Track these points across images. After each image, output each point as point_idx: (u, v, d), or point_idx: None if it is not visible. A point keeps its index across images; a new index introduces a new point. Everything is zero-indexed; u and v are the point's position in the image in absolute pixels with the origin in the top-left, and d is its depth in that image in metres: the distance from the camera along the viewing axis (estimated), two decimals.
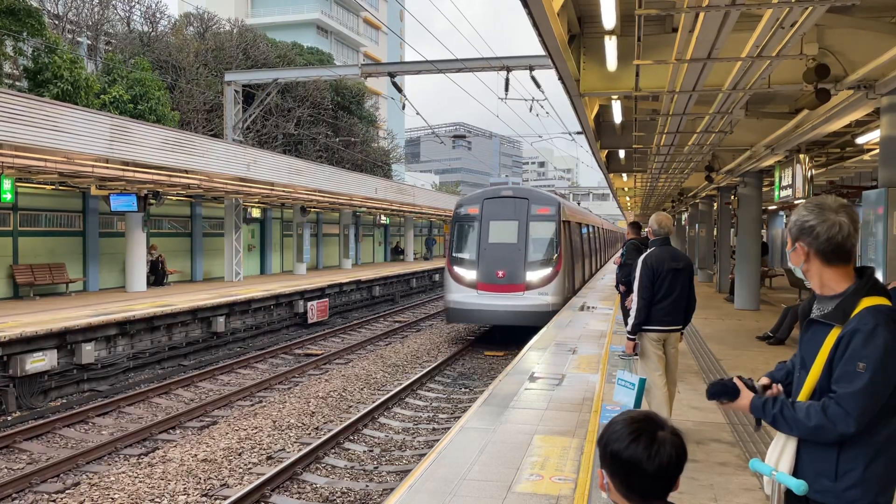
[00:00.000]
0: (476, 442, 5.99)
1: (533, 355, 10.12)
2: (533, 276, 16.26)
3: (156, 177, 16.86)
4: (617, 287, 10.54)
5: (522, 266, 16.30)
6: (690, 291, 6.11)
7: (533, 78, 19.99)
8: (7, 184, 13.55)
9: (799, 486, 2.31)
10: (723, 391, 2.60)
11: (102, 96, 22.28)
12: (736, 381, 2.64)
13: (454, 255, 17.02)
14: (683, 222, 33.87)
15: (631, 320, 5.98)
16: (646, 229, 6.63)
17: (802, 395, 2.49)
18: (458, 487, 4.95)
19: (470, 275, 16.54)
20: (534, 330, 12.94)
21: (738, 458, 5.61)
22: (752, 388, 2.61)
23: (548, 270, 16.32)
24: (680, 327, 6.12)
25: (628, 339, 6.03)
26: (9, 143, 12.82)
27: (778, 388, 2.63)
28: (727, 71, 7.47)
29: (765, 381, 2.68)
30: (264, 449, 9.22)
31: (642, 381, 4.86)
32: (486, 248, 16.60)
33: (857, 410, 2.29)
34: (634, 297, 5.97)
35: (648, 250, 6.15)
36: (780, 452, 2.51)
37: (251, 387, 12.81)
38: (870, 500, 2.35)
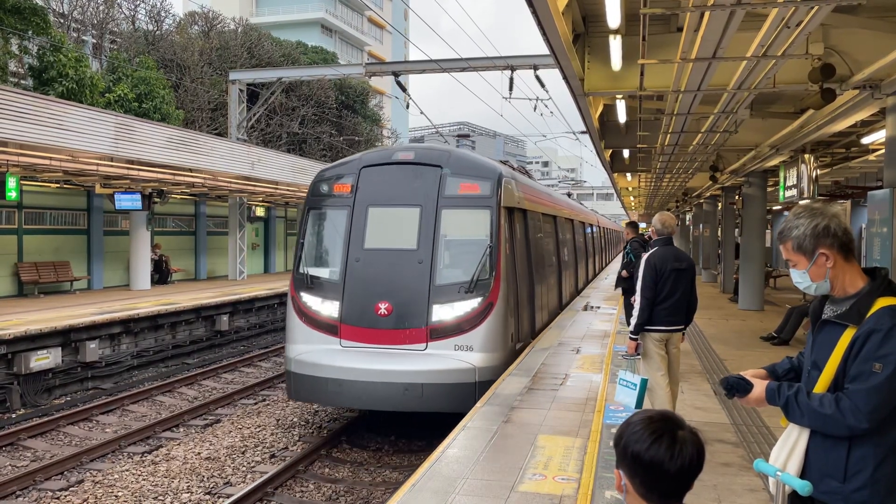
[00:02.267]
0: (479, 441, 5.99)
1: (536, 355, 10.11)
2: (445, 312, 8.87)
3: (160, 175, 16.89)
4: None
5: (425, 294, 8.93)
6: (692, 291, 6.11)
7: (537, 77, 19.97)
8: (12, 182, 13.59)
9: (804, 486, 2.30)
10: (736, 386, 2.59)
11: (107, 95, 22.32)
12: (747, 376, 2.65)
13: (302, 270, 9.58)
14: (688, 222, 33.82)
15: (633, 320, 5.97)
16: (649, 229, 6.63)
17: None
18: (462, 486, 4.95)
19: (328, 309, 9.14)
20: (456, 417, 7.11)
21: (741, 459, 5.60)
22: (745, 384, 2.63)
23: (473, 303, 8.91)
24: (682, 327, 6.12)
25: (631, 339, 6.03)
26: (14, 141, 12.85)
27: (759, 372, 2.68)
28: (732, 70, 7.45)
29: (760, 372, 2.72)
30: (267, 447, 9.23)
31: (644, 382, 4.85)
32: (361, 260, 9.23)
33: (868, 407, 2.28)
34: (637, 296, 5.96)
35: (652, 250, 6.14)
36: (790, 453, 2.50)
37: (254, 385, 12.82)
38: (877, 502, 2.34)
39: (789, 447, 2.50)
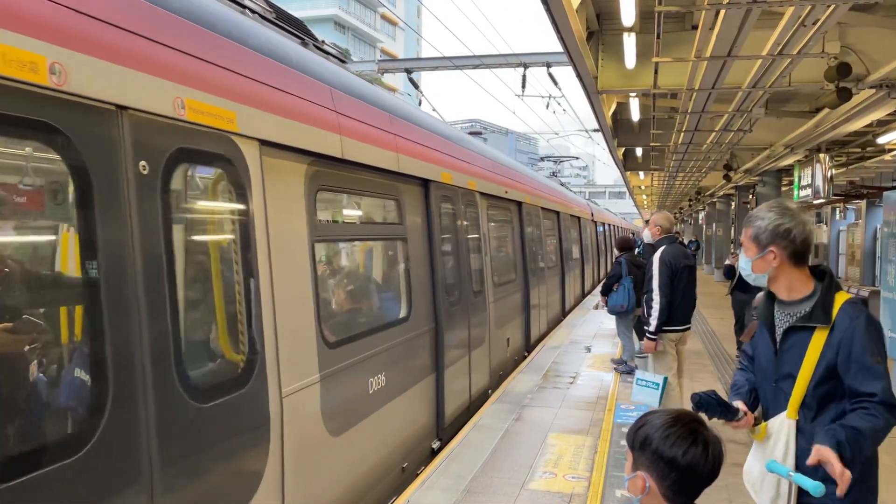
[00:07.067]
0: (489, 439, 6.00)
1: (547, 353, 10.10)
2: None
3: None
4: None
5: None
6: (695, 287, 6.19)
7: (550, 75, 19.90)
8: None
9: (816, 487, 2.30)
10: (709, 407, 2.56)
11: None
12: (739, 404, 2.65)
13: None
14: (700, 221, 33.68)
15: (654, 320, 5.86)
16: (652, 228, 6.49)
17: (792, 404, 2.48)
18: (472, 484, 4.96)
19: None
20: None
21: None
22: (727, 406, 2.60)
23: None
24: (690, 325, 6.16)
25: (649, 338, 5.94)
26: None
27: (751, 416, 2.64)
28: (747, 69, 7.41)
29: (741, 405, 2.68)
30: None
31: (665, 380, 4.83)
32: None
33: None
34: (655, 296, 5.90)
35: (662, 248, 6.07)
36: (783, 454, 2.53)
37: None
38: (863, 488, 2.42)
39: (782, 445, 2.52)
